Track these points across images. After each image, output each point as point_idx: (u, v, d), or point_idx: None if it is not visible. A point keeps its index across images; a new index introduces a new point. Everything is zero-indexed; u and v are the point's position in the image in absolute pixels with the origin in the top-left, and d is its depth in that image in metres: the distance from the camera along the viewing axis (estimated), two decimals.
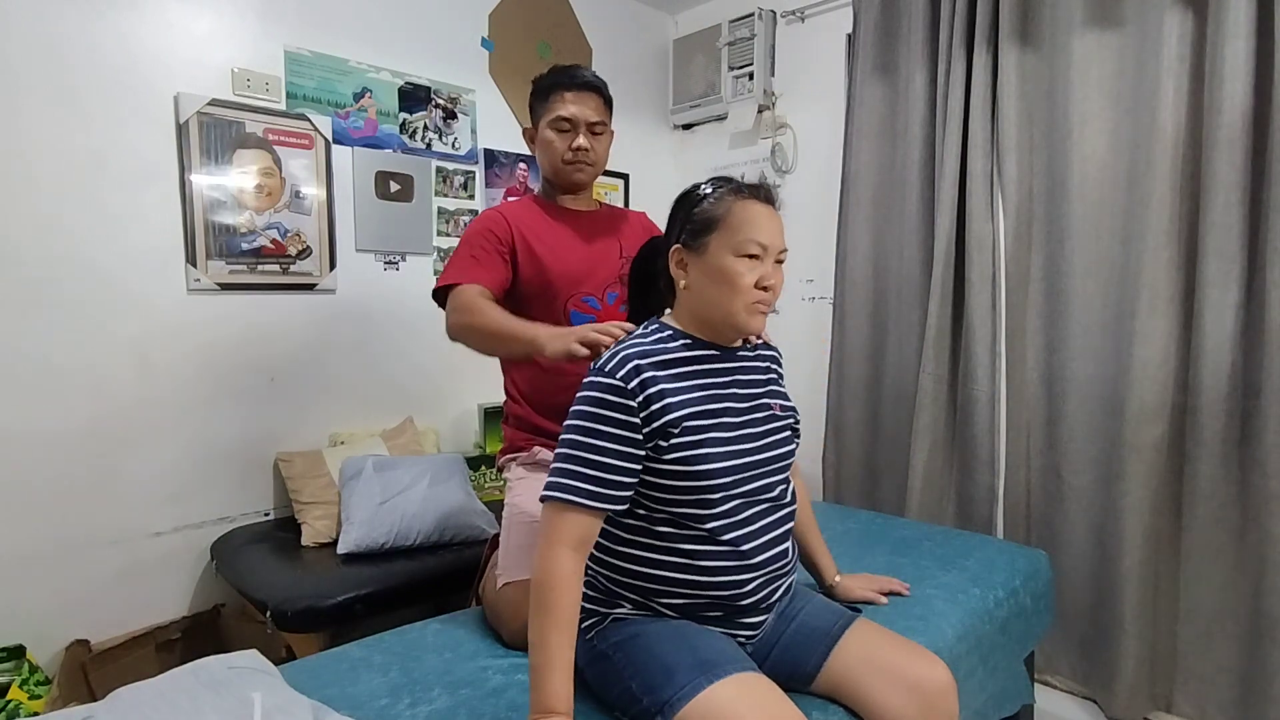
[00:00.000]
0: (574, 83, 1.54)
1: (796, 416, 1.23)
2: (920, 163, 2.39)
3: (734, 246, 1.07)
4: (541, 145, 1.57)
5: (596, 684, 1.09)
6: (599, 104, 1.56)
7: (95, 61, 1.88)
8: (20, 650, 1.76)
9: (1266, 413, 1.75)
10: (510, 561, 1.39)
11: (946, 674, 1.12)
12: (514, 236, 1.54)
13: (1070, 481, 2.09)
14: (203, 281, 2.07)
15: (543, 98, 1.56)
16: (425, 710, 1.07)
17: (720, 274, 1.07)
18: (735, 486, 1.07)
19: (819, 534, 1.40)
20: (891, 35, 2.48)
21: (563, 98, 1.53)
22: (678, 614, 1.08)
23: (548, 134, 1.55)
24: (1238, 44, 1.74)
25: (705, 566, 1.05)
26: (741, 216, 1.08)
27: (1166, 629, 1.95)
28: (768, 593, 1.11)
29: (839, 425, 2.66)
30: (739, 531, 1.07)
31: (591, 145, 1.55)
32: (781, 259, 1.12)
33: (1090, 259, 2.06)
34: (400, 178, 2.46)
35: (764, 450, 1.12)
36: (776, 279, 1.10)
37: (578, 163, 1.55)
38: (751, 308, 1.08)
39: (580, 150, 1.54)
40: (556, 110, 1.53)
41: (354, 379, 2.40)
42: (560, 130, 1.53)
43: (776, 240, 1.09)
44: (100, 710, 0.93)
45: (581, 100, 1.53)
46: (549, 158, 1.57)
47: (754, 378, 1.17)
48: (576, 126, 1.53)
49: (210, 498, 2.13)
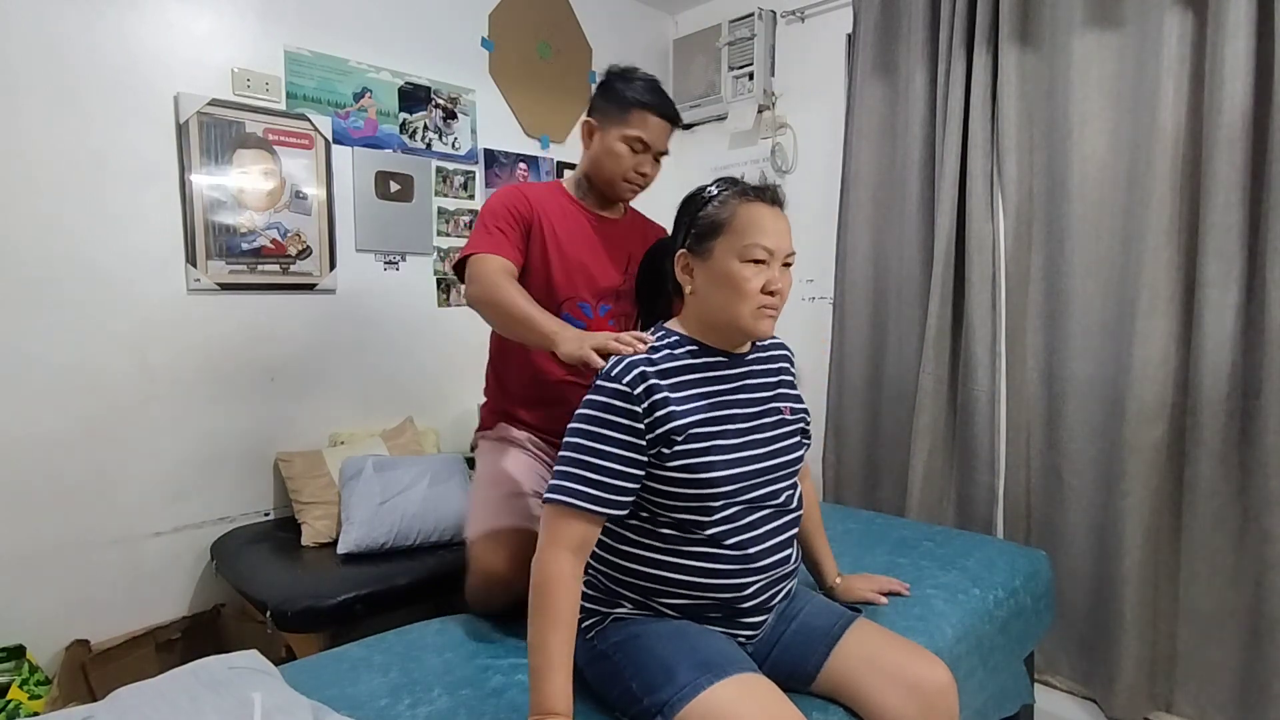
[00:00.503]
0: (666, 113, 1.52)
1: (808, 419, 1.22)
2: (920, 163, 2.39)
3: (739, 251, 1.05)
4: (607, 153, 1.53)
5: (597, 684, 1.09)
6: (669, 134, 1.56)
7: (95, 61, 1.88)
8: (20, 650, 1.76)
9: (1266, 413, 1.75)
10: (471, 519, 1.49)
11: (946, 674, 1.12)
12: (534, 220, 1.52)
13: (1070, 481, 2.09)
14: (203, 281, 2.07)
15: (625, 108, 1.51)
16: (425, 710, 1.07)
17: (726, 279, 1.06)
18: (739, 494, 1.07)
19: (824, 537, 1.40)
20: (891, 35, 2.48)
21: (648, 121, 1.50)
22: (678, 614, 1.08)
23: (619, 147, 1.51)
24: (1238, 44, 1.74)
25: (707, 569, 1.05)
26: (746, 220, 1.06)
27: (1166, 629, 1.95)
28: (769, 595, 1.11)
29: (839, 425, 2.66)
30: (741, 536, 1.07)
31: (652, 172, 1.56)
32: (789, 262, 1.10)
33: (1090, 259, 2.06)
34: (400, 178, 2.46)
35: (770, 457, 1.12)
36: (784, 283, 1.08)
37: (634, 185, 1.55)
38: (758, 313, 1.06)
39: (644, 175, 1.54)
40: (639, 130, 1.50)
41: (354, 379, 2.40)
42: (633, 150, 1.51)
43: (783, 243, 1.07)
44: (100, 710, 0.93)
45: (661, 129, 1.52)
46: (611, 169, 1.53)
47: (763, 381, 1.17)
48: (649, 151, 1.52)
49: (210, 498, 2.13)
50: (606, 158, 1.53)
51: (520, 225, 1.50)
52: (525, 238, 1.51)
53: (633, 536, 1.09)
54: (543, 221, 1.53)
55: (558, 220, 1.56)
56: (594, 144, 1.55)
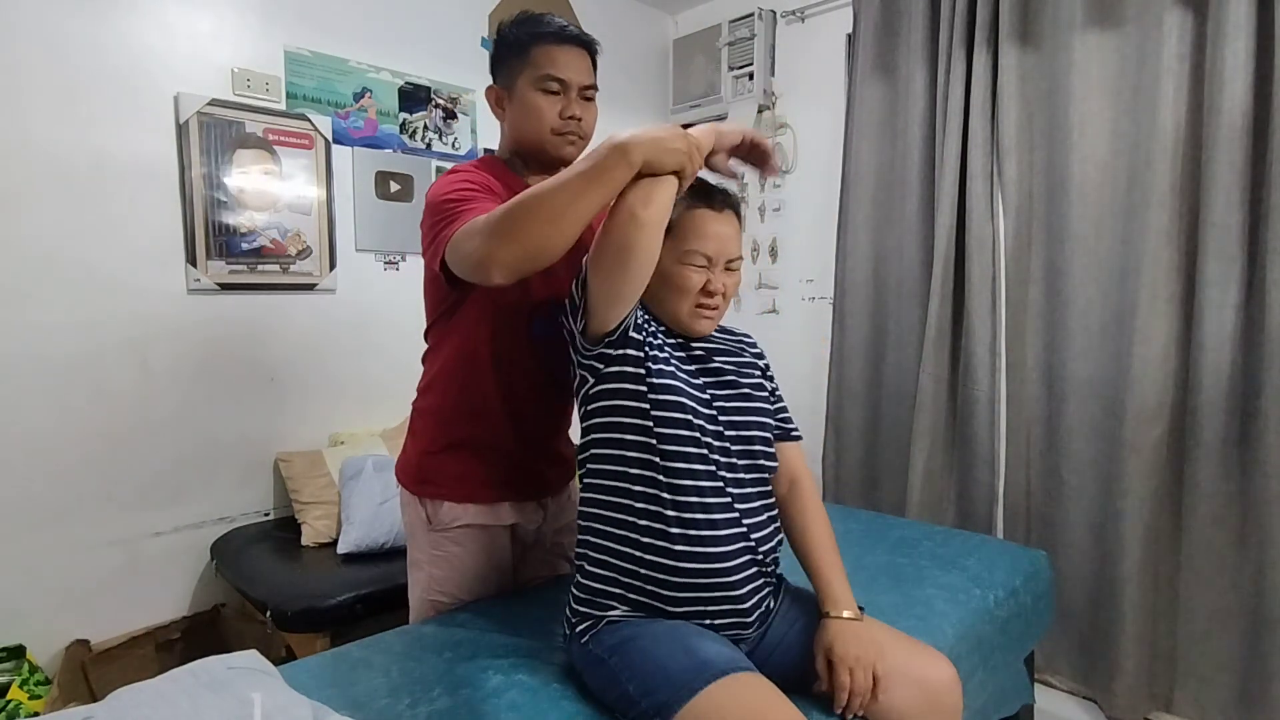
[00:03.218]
0: (563, 37, 1.25)
1: (784, 410, 1.25)
2: (920, 163, 2.39)
3: (679, 255, 1.10)
4: (522, 110, 1.25)
5: (595, 687, 1.08)
6: (589, 65, 1.28)
7: (96, 61, 1.88)
8: (20, 650, 1.76)
9: (1266, 413, 1.75)
10: None
11: (950, 670, 1.12)
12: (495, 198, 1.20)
13: (1070, 481, 2.09)
14: (203, 281, 2.07)
15: (519, 52, 1.25)
16: (425, 710, 1.07)
17: (669, 279, 1.10)
18: (696, 446, 1.07)
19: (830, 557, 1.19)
20: (891, 35, 2.48)
21: (551, 54, 1.23)
22: (662, 604, 1.08)
23: (532, 96, 1.24)
24: (1238, 44, 1.74)
25: (680, 551, 1.06)
26: (688, 226, 1.11)
27: (1166, 629, 1.95)
28: (747, 576, 1.09)
29: (839, 425, 2.66)
30: (711, 515, 1.07)
31: (584, 114, 1.27)
32: (733, 266, 1.14)
33: (1090, 259, 2.06)
34: (400, 178, 2.46)
35: (731, 427, 1.12)
36: (727, 284, 1.13)
37: (570, 134, 1.26)
38: (695, 312, 1.12)
39: (573, 119, 1.25)
40: (544, 68, 1.23)
41: (354, 379, 2.40)
42: (549, 92, 1.24)
43: (725, 248, 1.12)
44: (100, 710, 0.93)
45: (573, 58, 1.25)
46: (534, 125, 1.25)
47: (723, 363, 1.18)
48: (569, 90, 1.25)
49: (210, 498, 2.13)
50: (525, 118, 1.26)
51: (489, 195, 1.20)
52: None
53: (608, 529, 1.10)
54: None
55: None
56: (507, 111, 1.30)
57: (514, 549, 1.44)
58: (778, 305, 3.00)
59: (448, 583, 1.37)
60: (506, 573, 1.43)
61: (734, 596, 1.08)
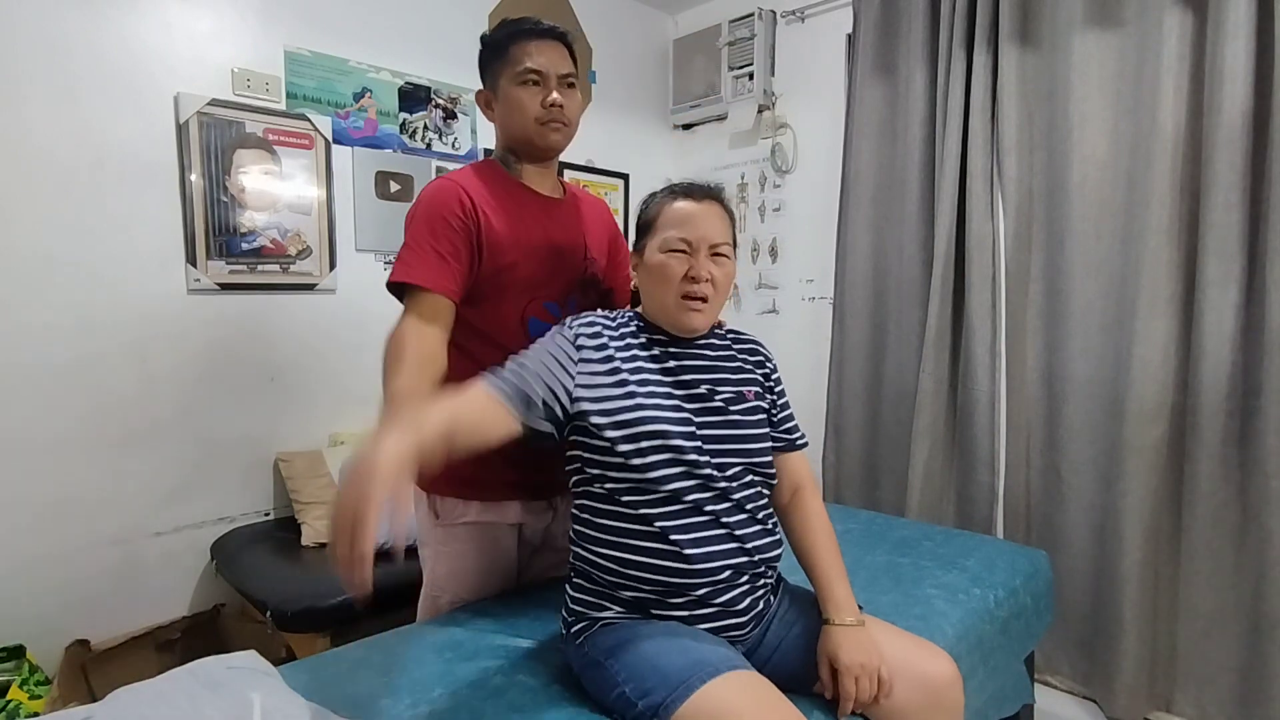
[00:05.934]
0: (537, 32, 1.33)
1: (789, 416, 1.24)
2: (920, 163, 2.39)
3: (661, 244, 1.13)
4: (507, 106, 1.33)
5: (593, 690, 1.08)
6: (566, 55, 1.36)
7: (96, 61, 1.88)
8: (20, 650, 1.76)
9: (1266, 413, 1.75)
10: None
11: (952, 667, 1.12)
12: (478, 220, 1.27)
13: (1070, 481, 2.09)
14: (203, 281, 2.07)
15: (499, 53, 1.33)
16: (425, 710, 1.07)
17: (653, 270, 1.14)
18: (672, 453, 1.07)
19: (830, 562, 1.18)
20: (891, 35, 2.48)
21: (526, 49, 1.31)
22: (651, 603, 1.08)
23: (514, 92, 1.31)
24: (1238, 44, 1.74)
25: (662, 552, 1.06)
26: (668, 216, 1.14)
27: (1166, 629, 1.95)
28: (734, 582, 1.09)
29: (839, 425, 2.66)
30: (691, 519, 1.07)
31: (565, 101, 1.33)
32: (721, 252, 1.14)
33: (1090, 259, 2.06)
34: (400, 178, 2.46)
35: (712, 428, 1.11)
36: (714, 272, 1.12)
37: (553, 121, 1.33)
38: (681, 303, 1.12)
39: (555, 107, 1.32)
40: (522, 62, 1.30)
41: (354, 379, 2.40)
42: (528, 84, 1.31)
43: (708, 233, 1.12)
44: (100, 710, 0.93)
45: (548, 50, 1.32)
46: (518, 119, 1.32)
47: (714, 363, 1.17)
48: (547, 80, 1.31)
49: (210, 498, 2.13)
50: (511, 113, 1.33)
51: (465, 232, 1.26)
52: (472, 248, 1.27)
53: (592, 534, 1.11)
54: (490, 218, 1.28)
55: (504, 211, 1.31)
56: (496, 111, 1.37)
57: (521, 551, 1.44)
58: (778, 305, 3.00)
59: (450, 580, 1.39)
60: (510, 573, 1.44)
61: (726, 600, 1.08)
